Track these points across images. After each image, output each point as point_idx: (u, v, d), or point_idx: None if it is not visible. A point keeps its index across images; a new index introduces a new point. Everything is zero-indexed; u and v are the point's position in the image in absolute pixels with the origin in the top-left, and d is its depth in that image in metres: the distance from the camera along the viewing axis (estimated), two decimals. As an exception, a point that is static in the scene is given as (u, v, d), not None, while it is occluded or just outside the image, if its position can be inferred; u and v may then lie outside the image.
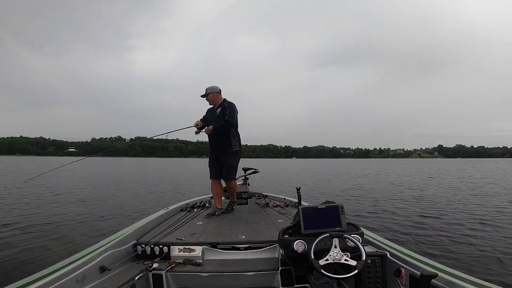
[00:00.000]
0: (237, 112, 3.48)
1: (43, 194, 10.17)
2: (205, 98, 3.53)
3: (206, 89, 3.50)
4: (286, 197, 4.30)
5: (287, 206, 3.84)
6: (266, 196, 4.57)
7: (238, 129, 3.58)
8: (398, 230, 5.46)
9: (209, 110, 3.63)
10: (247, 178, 4.73)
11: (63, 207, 7.62)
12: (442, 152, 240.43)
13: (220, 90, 3.55)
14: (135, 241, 2.35)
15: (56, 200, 8.92)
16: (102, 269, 1.89)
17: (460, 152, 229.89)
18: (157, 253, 2.26)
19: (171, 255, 2.24)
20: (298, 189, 3.51)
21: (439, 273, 1.53)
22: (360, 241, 1.71)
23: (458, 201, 8.88)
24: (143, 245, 2.28)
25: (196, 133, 3.56)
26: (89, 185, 13.76)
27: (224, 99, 3.53)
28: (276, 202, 4.03)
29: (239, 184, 4.57)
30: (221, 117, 3.38)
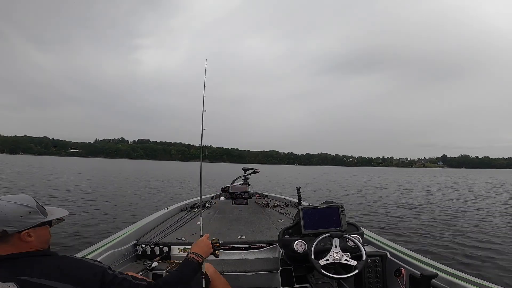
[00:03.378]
0: None
1: (43, 194, 10.23)
2: None
3: None
4: (286, 197, 4.30)
5: (287, 206, 3.83)
6: (266, 196, 4.58)
7: None
8: (398, 230, 5.46)
9: None
10: (247, 178, 4.74)
11: (63, 207, 7.65)
12: (446, 162, 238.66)
13: None
14: (135, 241, 2.36)
15: (57, 200, 8.95)
16: None
17: (464, 162, 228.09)
18: (157, 253, 2.26)
19: (171, 255, 2.25)
20: (298, 189, 3.51)
21: (439, 273, 1.53)
22: (360, 241, 1.71)
23: (460, 206, 8.85)
24: (143, 245, 2.28)
25: None
26: (90, 185, 13.82)
27: None
28: (276, 202, 4.03)
29: (240, 184, 4.58)
30: None
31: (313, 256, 1.57)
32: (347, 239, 1.65)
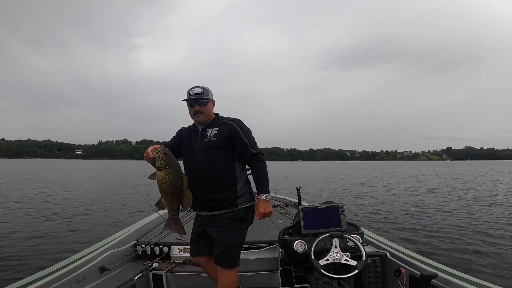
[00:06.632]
0: None
1: (44, 194, 10.32)
2: (192, 107, 1.81)
3: (199, 91, 1.79)
4: (286, 197, 4.27)
5: (287, 206, 3.82)
6: None
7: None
8: (398, 230, 5.43)
9: (190, 130, 1.92)
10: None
11: (64, 207, 7.71)
12: (451, 154, 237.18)
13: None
14: (135, 241, 2.37)
15: (57, 200, 9.02)
16: (102, 269, 1.91)
17: (469, 154, 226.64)
18: (157, 253, 2.28)
19: (171, 255, 2.26)
20: (298, 189, 3.49)
21: (439, 273, 1.52)
22: (360, 241, 1.70)
23: (461, 203, 8.78)
24: (143, 245, 2.29)
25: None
26: (91, 186, 13.92)
27: (217, 114, 1.90)
28: (276, 202, 4.01)
29: None
30: (218, 144, 1.77)
31: (313, 256, 1.56)
32: (347, 239, 1.64)
